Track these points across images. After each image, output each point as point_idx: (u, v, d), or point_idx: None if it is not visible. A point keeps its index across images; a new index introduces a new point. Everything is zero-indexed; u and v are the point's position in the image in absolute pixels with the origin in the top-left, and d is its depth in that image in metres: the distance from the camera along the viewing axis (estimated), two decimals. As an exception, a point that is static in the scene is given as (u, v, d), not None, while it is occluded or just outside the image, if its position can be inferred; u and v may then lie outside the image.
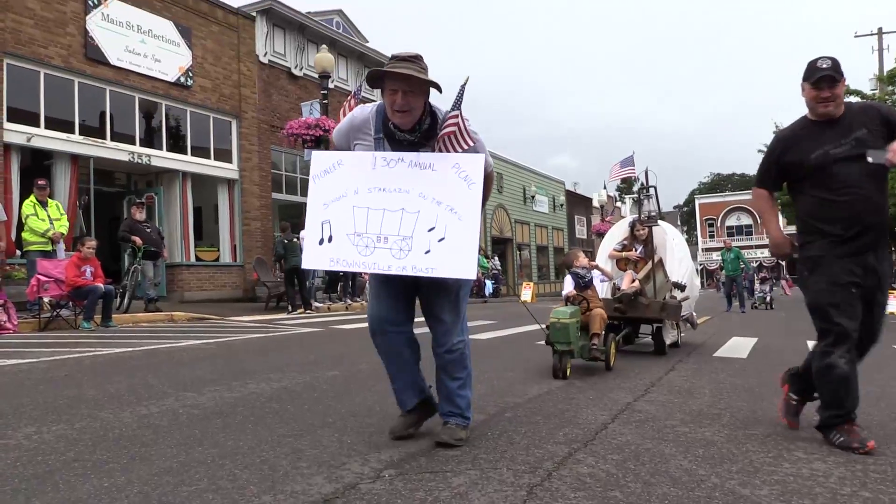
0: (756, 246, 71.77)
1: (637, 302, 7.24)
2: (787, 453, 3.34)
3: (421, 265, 3.09)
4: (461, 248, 3.08)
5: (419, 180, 3.14)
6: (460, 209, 3.11)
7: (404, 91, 3.08)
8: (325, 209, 3.24)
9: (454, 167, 3.14)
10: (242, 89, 18.58)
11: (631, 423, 4.00)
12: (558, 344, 5.63)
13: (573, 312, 5.92)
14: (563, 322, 5.68)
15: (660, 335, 7.45)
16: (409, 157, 3.19)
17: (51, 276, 9.83)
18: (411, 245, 3.11)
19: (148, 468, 2.93)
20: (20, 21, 13.41)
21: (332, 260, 3.21)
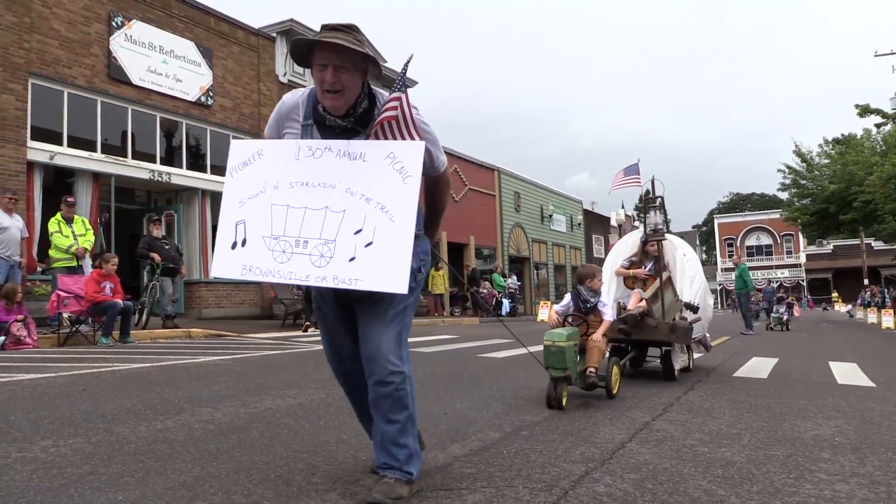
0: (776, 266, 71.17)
1: (644, 323, 6.65)
2: (809, 474, 3.28)
3: (344, 275, 2.57)
4: (391, 254, 2.54)
5: (347, 173, 2.65)
6: (393, 208, 2.58)
7: (336, 66, 2.63)
8: (241, 207, 2.77)
9: (388, 157, 2.62)
10: (262, 108, 18.75)
11: (649, 442, 3.95)
12: (553, 370, 5.07)
13: (570, 334, 5.25)
14: (558, 346, 5.08)
15: (668, 359, 6.85)
16: (337, 145, 2.69)
17: (71, 292, 9.92)
18: (333, 251, 2.59)
19: (163, 482, 2.93)
20: (46, 42, 13.65)
21: (244, 267, 2.71)
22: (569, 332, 5.29)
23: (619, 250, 7.97)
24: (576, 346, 5.30)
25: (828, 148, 31.47)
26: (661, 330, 6.65)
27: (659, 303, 6.85)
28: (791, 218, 33.47)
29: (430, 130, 2.83)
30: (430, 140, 2.78)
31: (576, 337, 5.35)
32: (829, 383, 6.90)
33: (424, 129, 2.78)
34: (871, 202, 25.44)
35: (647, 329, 6.66)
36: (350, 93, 2.69)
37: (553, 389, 5.01)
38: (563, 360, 5.05)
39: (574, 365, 5.21)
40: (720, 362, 8.90)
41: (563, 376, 5.04)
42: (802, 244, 69.49)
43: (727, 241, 74.82)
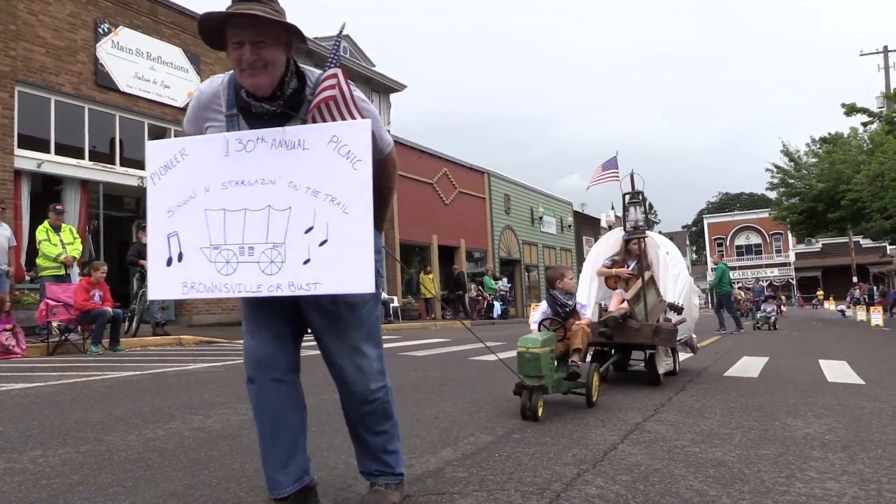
0: (766, 265, 71.53)
1: (626, 326, 6.27)
2: (800, 473, 3.29)
3: (300, 280, 2.28)
4: (350, 251, 2.26)
5: (287, 165, 2.33)
6: (345, 198, 2.28)
7: (253, 42, 2.28)
8: (170, 218, 2.44)
9: (331, 141, 2.31)
10: (251, 114, 18.71)
11: (640, 443, 3.95)
12: (528, 378, 4.70)
13: (546, 340, 4.88)
14: (533, 352, 4.70)
15: (653, 363, 6.53)
16: (271, 134, 2.35)
17: (59, 301, 9.86)
18: (284, 255, 2.30)
19: (153, 491, 2.91)
20: (31, 49, 13.58)
21: (185, 285, 2.39)
22: (544, 337, 4.91)
23: (600, 249, 7.65)
24: (552, 352, 4.95)
25: (815, 147, 31.67)
26: (644, 332, 6.30)
27: (641, 304, 6.47)
28: (780, 217, 33.66)
29: (370, 108, 2.50)
30: (372, 118, 2.45)
31: (552, 342, 5.00)
32: (820, 381, 6.93)
33: (364, 106, 2.44)
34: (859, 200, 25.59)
35: (630, 332, 6.30)
36: (274, 70, 2.34)
37: (528, 399, 4.65)
38: (539, 367, 4.68)
39: (550, 373, 4.85)
40: (711, 362, 8.93)
41: (539, 385, 4.67)
42: (791, 243, 69.92)
43: (717, 240, 75.17)
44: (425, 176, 26.45)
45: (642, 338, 6.32)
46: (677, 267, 7.32)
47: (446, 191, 27.61)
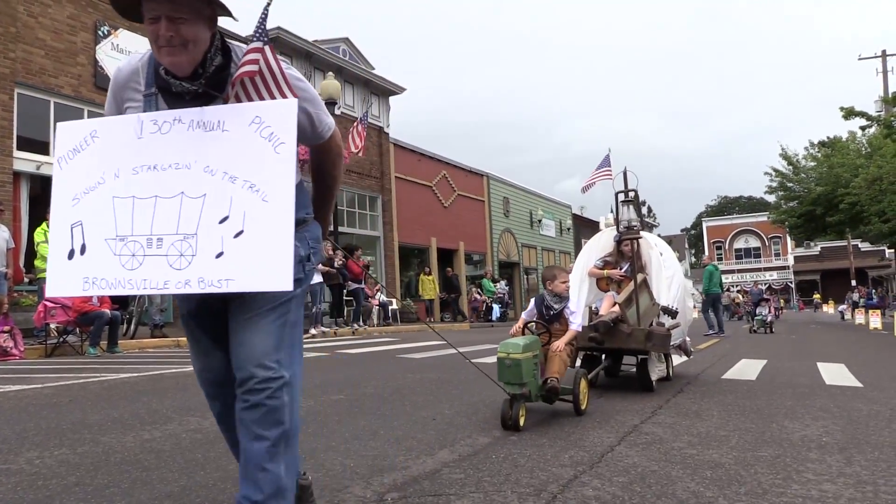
0: (764, 268, 71.57)
1: (617, 330, 6.00)
2: (797, 475, 3.29)
3: (211, 276, 2.04)
4: (267, 244, 2.03)
5: (204, 148, 2.11)
6: (265, 185, 2.06)
7: (170, 17, 2.05)
8: (76, 206, 2.21)
9: (254, 122, 2.10)
10: (250, 116, 18.72)
11: (638, 445, 3.95)
12: (508, 385, 4.43)
13: (529, 344, 4.57)
14: (514, 357, 4.41)
15: (644, 369, 6.23)
16: (188, 115, 2.14)
17: (58, 303, 9.84)
18: (195, 247, 2.06)
19: (149, 492, 2.91)
20: (31, 52, 13.59)
21: (86, 280, 2.15)
22: (527, 341, 4.61)
23: (591, 249, 7.29)
24: (535, 357, 4.63)
25: (814, 151, 31.77)
26: (636, 337, 5.99)
27: (633, 307, 6.19)
28: (778, 220, 33.74)
29: (307, 87, 2.28)
30: (308, 98, 2.26)
31: (535, 347, 4.69)
32: (817, 384, 6.93)
33: (299, 85, 2.23)
34: (857, 204, 25.66)
35: (621, 336, 6.03)
36: (195, 48, 2.10)
37: (509, 408, 4.35)
38: (520, 374, 4.39)
39: (533, 379, 4.55)
40: (709, 364, 8.93)
41: (520, 393, 4.40)
42: (790, 246, 69.99)
43: (716, 244, 75.22)
44: (424, 179, 26.46)
45: (634, 343, 6.03)
46: (671, 269, 7.02)
47: (445, 193, 27.62)
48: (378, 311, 19.32)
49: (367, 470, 3.31)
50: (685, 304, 7.18)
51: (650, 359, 6.29)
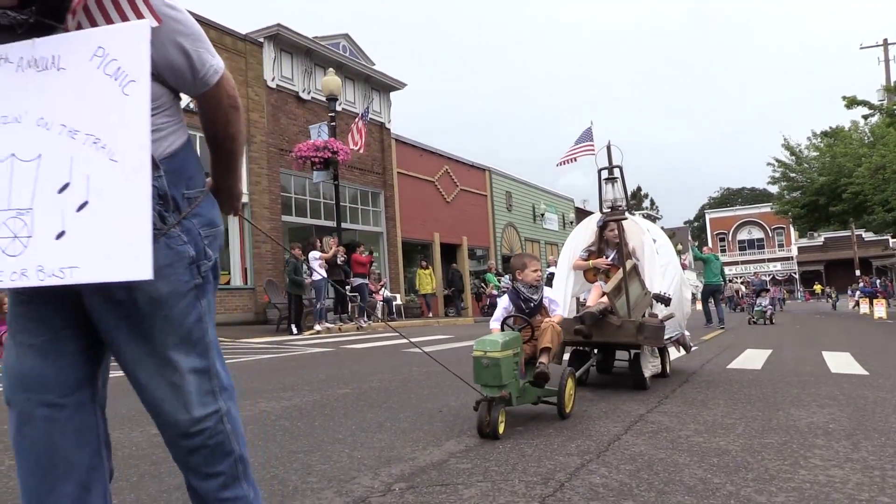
0: (768, 259, 71.48)
1: (605, 322, 5.46)
2: (804, 461, 3.29)
3: (52, 264, 1.55)
4: (118, 218, 1.53)
5: (37, 93, 1.61)
6: (111, 139, 1.56)
7: None
8: None
9: (95, 55, 1.58)
10: (251, 114, 18.72)
11: (644, 433, 3.96)
12: (486, 388, 3.92)
13: (508, 341, 4.04)
14: (492, 356, 3.89)
15: (637, 365, 5.69)
16: (17, 50, 1.63)
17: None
18: (32, 226, 1.57)
19: (157, 485, 2.92)
20: (31, 51, 13.59)
21: None
22: (506, 337, 4.08)
23: (577, 239, 6.66)
24: (516, 356, 4.11)
25: (816, 141, 31.65)
26: (627, 330, 5.45)
27: (623, 297, 5.59)
28: (782, 211, 33.64)
29: (181, 16, 1.71)
30: (184, 30, 1.70)
31: (516, 344, 4.15)
32: (823, 372, 6.93)
33: (166, 12, 1.65)
34: (861, 193, 25.58)
35: (610, 329, 5.48)
36: None
37: (486, 412, 3.81)
38: (499, 374, 3.87)
39: (515, 381, 4.05)
40: (714, 355, 8.93)
41: (500, 396, 3.89)
42: (794, 237, 69.85)
43: (719, 235, 75.12)
44: (426, 174, 26.45)
45: (624, 336, 5.49)
46: (666, 255, 6.45)
47: (448, 188, 27.61)
48: (382, 307, 19.33)
49: (374, 461, 3.31)
50: (682, 294, 6.73)
51: (643, 354, 5.71)
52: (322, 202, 21.35)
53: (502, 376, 3.89)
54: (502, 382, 3.90)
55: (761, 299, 19.04)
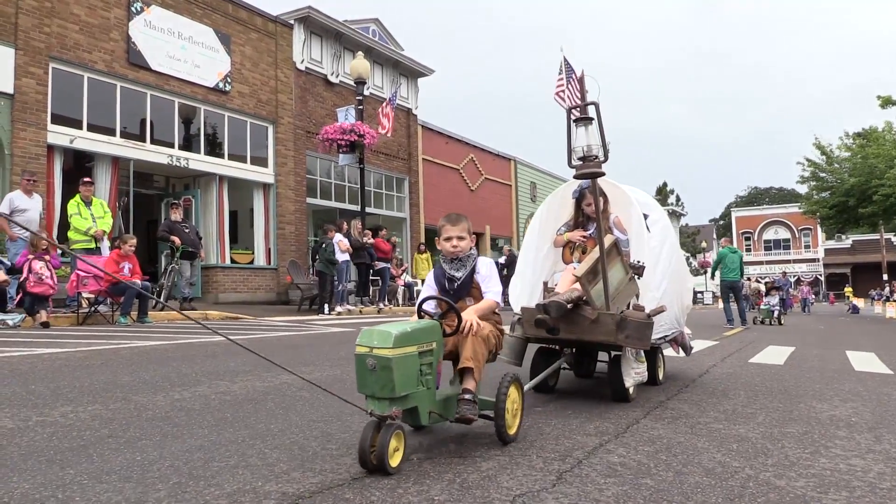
0: (794, 260, 70.63)
1: (577, 315, 4.26)
2: (825, 450, 3.26)
3: None
4: None
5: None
6: None
7: None
8: None
9: None
10: (279, 95, 18.81)
11: (663, 419, 3.94)
12: (372, 401, 2.69)
13: (410, 333, 2.81)
14: (380, 354, 2.66)
15: (617, 369, 4.41)
16: None
17: (90, 273, 10.02)
18: None
19: (179, 445, 2.97)
20: (66, 27, 13.75)
21: None
22: (406, 328, 2.81)
23: (549, 210, 5.36)
24: (427, 354, 2.90)
25: (848, 141, 31.15)
26: (604, 325, 4.21)
27: (600, 283, 4.25)
28: (810, 211, 33.19)
29: None
30: None
31: (426, 337, 2.92)
32: (846, 370, 6.85)
33: None
34: (892, 195, 25.18)
35: (582, 324, 4.27)
36: None
37: (373, 433, 2.62)
38: (390, 381, 2.63)
39: (425, 388, 2.88)
40: (735, 350, 8.86)
41: (389, 415, 2.65)
42: (821, 238, 68.96)
43: (745, 234, 74.34)
44: (452, 161, 26.43)
45: (601, 333, 4.24)
46: (661, 235, 5.10)
47: (472, 177, 27.57)
48: (403, 292, 19.39)
49: (393, 432, 3.33)
50: (683, 284, 5.69)
51: (624, 357, 4.45)
52: (347, 186, 21.41)
53: (395, 384, 2.63)
54: (395, 394, 2.64)
55: (770, 298, 18.26)
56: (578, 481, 2.61)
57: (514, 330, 4.69)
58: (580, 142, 4.08)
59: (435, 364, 2.99)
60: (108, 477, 2.51)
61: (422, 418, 2.91)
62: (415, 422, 2.94)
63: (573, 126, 4.09)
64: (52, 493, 2.32)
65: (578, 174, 4.10)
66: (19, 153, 12.70)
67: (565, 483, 2.59)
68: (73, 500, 2.25)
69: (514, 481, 2.59)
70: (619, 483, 2.60)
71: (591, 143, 4.03)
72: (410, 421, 2.93)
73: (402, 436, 2.71)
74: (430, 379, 2.94)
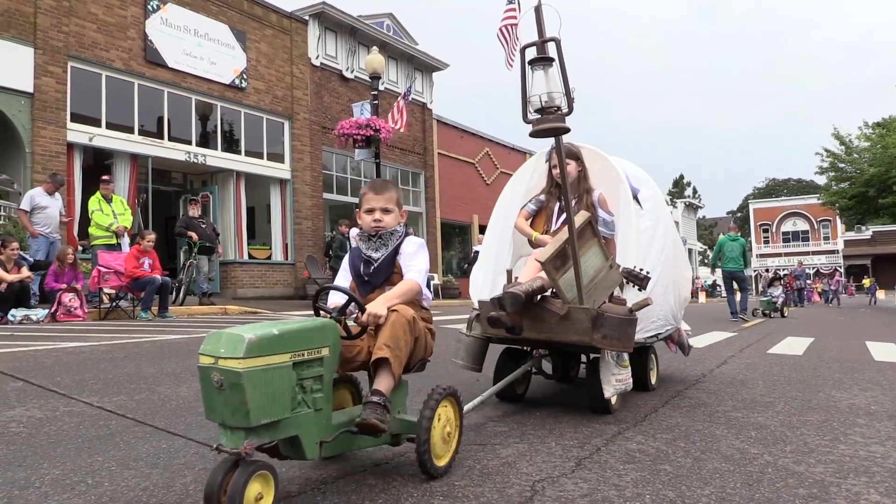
0: (813, 252, 70.03)
1: (542, 310, 3.56)
2: (844, 437, 3.27)
3: None
4: None
5: None
6: None
7: None
8: None
9: None
10: (295, 91, 18.88)
11: (682, 407, 3.96)
12: (223, 433, 1.99)
13: (291, 335, 2.12)
14: (227, 367, 1.94)
15: (595, 378, 3.64)
16: None
17: (111, 268, 10.16)
18: None
19: (205, 434, 3.02)
20: (83, 25, 13.89)
21: None
22: (270, 330, 2.08)
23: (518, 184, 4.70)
24: (315, 362, 2.20)
25: (868, 131, 30.79)
26: (577, 323, 3.44)
27: (570, 271, 3.47)
28: (829, 202, 32.85)
29: None
30: None
31: (312, 340, 2.20)
32: (866, 360, 6.81)
33: None
34: (913, 186, 24.89)
35: (550, 321, 3.54)
36: None
37: (223, 474, 1.91)
38: (243, 403, 1.92)
39: (312, 410, 2.16)
40: (754, 340, 8.83)
41: (238, 452, 1.92)
42: (840, 230, 68.27)
43: (763, 226, 73.78)
44: (467, 155, 26.43)
45: (573, 332, 3.47)
46: (654, 213, 4.32)
47: (488, 171, 27.56)
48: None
49: (412, 421, 3.37)
50: (680, 272, 4.79)
51: (603, 361, 3.66)
52: (363, 181, 21.48)
53: (250, 409, 1.91)
54: (250, 422, 1.92)
55: (773, 289, 17.30)
56: (597, 467, 2.64)
57: (471, 328, 3.99)
58: (538, 89, 3.23)
59: (329, 376, 2.24)
60: (136, 463, 2.57)
61: (306, 451, 2.13)
62: (298, 455, 2.15)
63: (528, 70, 3.25)
64: (82, 479, 2.38)
65: (535, 131, 3.20)
66: (40, 151, 12.85)
67: (584, 469, 2.61)
68: (101, 486, 2.31)
69: (533, 467, 2.62)
70: (637, 469, 2.63)
71: (552, 91, 3.19)
72: (293, 454, 2.16)
73: (269, 478, 1.95)
74: (321, 398, 2.18)
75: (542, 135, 3.24)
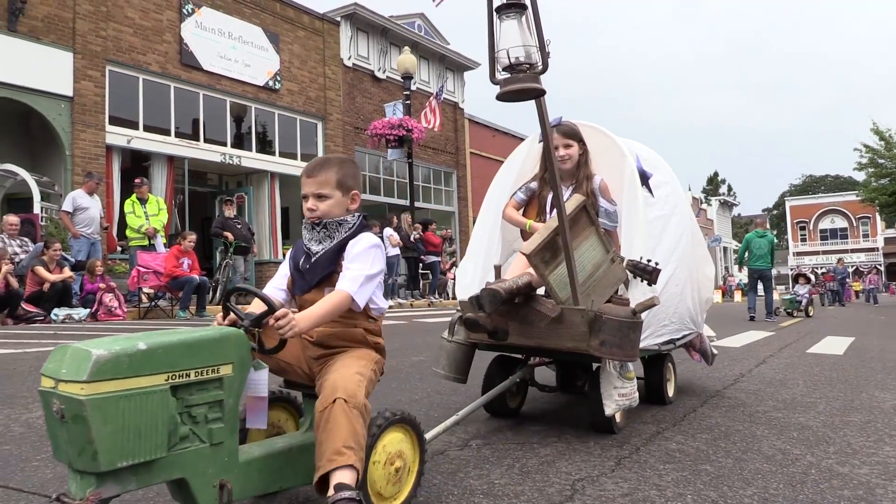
0: (852, 250, 68.68)
1: (531, 311, 3.09)
2: (889, 438, 3.21)
3: None
4: None
5: None
6: None
7: None
8: None
9: None
10: (328, 92, 19.03)
11: (721, 407, 3.92)
12: (72, 476, 1.53)
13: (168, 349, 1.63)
14: (67, 393, 1.47)
15: (596, 391, 3.12)
16: None
17: (150, 268, 10.34)
18: None
19: (246, 431, 3.07)
20: (121, 30, 14.15)
21: None
22: (133, 344, 1.57)
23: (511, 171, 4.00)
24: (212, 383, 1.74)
25: (908, 125, 30.11)
26: (571, 327, 2.96)
27: (562, 265, 2.98)
28: (868, 199, 32.20)
29: None
30: None
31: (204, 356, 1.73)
32: (910, 360, 6.68)
33: None
34: (955, 181, 24.29)
35: (540, 324, 3.06)
36: None
37: None
38: (88, 441, 1.47)
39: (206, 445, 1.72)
40: (792, 340, 8.70)
41: (81, 500, 1.49)
42: (880, 227, 66.83)
43: (799, 224, 72.54)
44: (499, 154, 26.37)
45: (567, 338, 2.99)
46: (668, 202, 3.77)
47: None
48: (453, 285, 19.48)
49: (450, 420, 3.39)
50: (700, 270, 4.19)
51: (604, 372, 3.13)
52: (395, 181, 21.57)
53: (98, 451, 1.48)
54: (98, 466, 1.49)
55: (799, 287, 16.54)
56: (637, 467, 2.63)
57: (453, 333, 3.51)
58: (507, 42, 2.59)
59: (233, 402, 1.78)
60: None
61: (198, 497, 1.69)
62: (189, 503, 1.72)
63: (496, 18, 2.62)
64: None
65: (503, 92, 2.59)
66: (80, 154, 13.13)
67: (624, 468, 2.61)
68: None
69: (572, 466, 2.63)
70: (678, 469, 2.62)
71: (528, 45, 2.59)
72: (183, 502, 1.74)
73: None
74: (219, 429, 1.73)
75: (512, 97, 2.59)
